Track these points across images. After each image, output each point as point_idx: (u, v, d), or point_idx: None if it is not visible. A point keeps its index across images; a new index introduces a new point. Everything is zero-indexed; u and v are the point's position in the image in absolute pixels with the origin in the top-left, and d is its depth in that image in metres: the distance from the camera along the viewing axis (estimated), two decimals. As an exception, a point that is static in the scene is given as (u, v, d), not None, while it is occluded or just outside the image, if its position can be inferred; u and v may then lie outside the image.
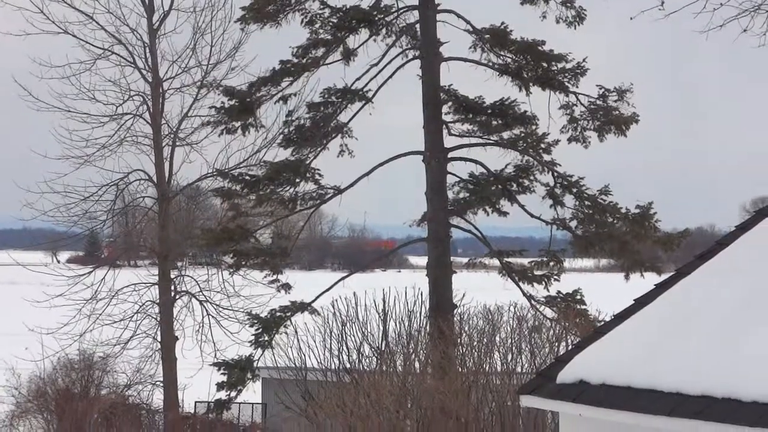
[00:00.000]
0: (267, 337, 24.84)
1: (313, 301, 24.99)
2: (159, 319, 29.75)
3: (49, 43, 30.11)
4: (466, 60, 25.33)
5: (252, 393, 27.36)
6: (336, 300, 23.07)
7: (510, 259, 25.26)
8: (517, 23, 24.84)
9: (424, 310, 22.98)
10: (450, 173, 25.25)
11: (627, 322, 11.05)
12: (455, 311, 23.31)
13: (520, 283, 24.80)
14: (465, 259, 26.44)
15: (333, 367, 22.79)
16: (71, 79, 29.45)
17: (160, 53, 29.89)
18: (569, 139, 25.28)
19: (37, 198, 29.29)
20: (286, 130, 25.87)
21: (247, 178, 25.95)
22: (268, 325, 24.92)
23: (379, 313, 22.69)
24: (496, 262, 25.36)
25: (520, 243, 26.89)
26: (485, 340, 20.16)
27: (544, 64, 24.80)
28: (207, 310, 30.17)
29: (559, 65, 24.75)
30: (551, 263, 24.92)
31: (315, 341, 23.25)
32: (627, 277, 24.87)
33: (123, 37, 29.77)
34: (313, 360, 23.27)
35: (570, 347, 15.05)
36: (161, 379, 29.63)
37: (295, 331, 23.87)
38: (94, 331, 29.43)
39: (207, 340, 29.81)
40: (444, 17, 25.19)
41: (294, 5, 25.38)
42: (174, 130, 30.11)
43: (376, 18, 25.14)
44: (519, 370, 19.39)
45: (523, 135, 25.25)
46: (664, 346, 10.00)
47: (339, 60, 25.50)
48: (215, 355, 28.78)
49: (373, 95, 25.49)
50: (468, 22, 25.12)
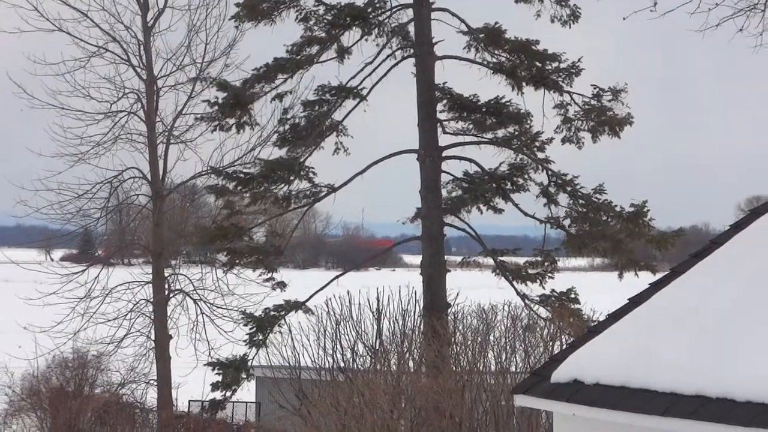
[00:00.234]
0: (261, 337, 24.80)
1: (307, 300, 24.94)
2: (153, 317, 29.71)
3: (44, 41, 30.14)
4: (460, 58, 25.30)
5: (246, 392, 27.32)
6: (330, 299, 23.02)
7: (504, 258, 25.25)
8: (511, 22, 24.86)
9: (418, 308, 22.95)
10: (444, 172, 25.22)
11: (621, 321, 11.04)
12: (449, 310, 23.28)
13: (514, 282, 24.79)
14: (459, 258, 26.45)
15: (327, 366, 22.76)
16: (66, 77, 29.49)
17: (155, 51, 29.91)
18: (563, 140, 25.25)
19: (31, 195, 29.32)
20: (281, 128, 25.85)
21: (241, 175, 25.92)
22: (263, 324, 24.88)
23: (373, 312, 22.65)
24: (490, 260, 25.35)
25: (514, 242, 26.86)
26: (479, 339, 20.14)
27: (538, 64, 24.78)
28: (201, 309, 30.15)
29: (554, 65, 24.75)
30: (545, 263, 24.91)
31: (309, 340, 23.21)
32: (621, 276, 24.86)
33: (117, 35, 29.80)
34: (307, 359, 23.23)
35: (564, 346, 15.04)
36: (155, 377, 29.60)
37: (289, 330, 23.83)
38: (88, 329, 29.36)
39: (201, 338, 29.78)
40: (438, 15, 25.19)
41: (289, 2, 25.34)
42: (168, 127, 30.10)
43: (370, 16, 25.10)
44: (513, 369, 19.35)
45: (517, 133, 25.23)
46: (659, 345, 9.98)
47: (333, 58, 25.49)
48: (209, 353, 28.74)
49: (368, 93, 25.47)
50: (463, 21, 25.11)
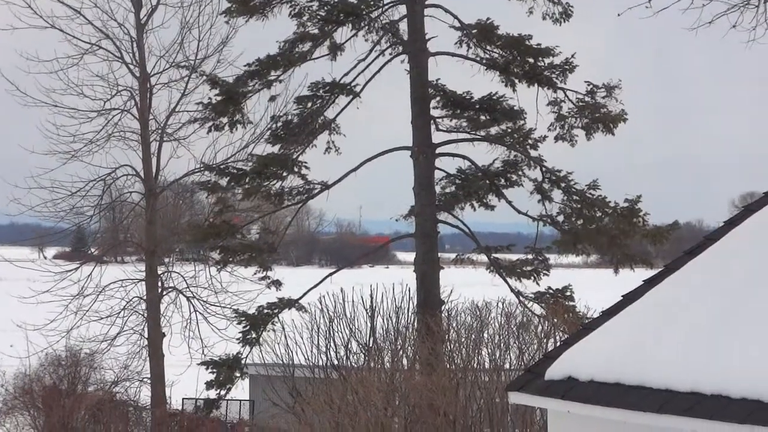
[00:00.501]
0: (254, 335, 24.77)
1: (300, 297, 24.91)
2: (146, 315, 29.64)
3: (37, 38, 30.06)
4: (453, 55, 25.26)
5: (240, 390, 27.29)
6: (323, 296, 22.99)
7: (498, 255, 25.22)
8: (503, 20, 24.85)
9: (411, 306, 22.92)
10: (438, 169, 25.19)
11: (615, 318, 11.00)
12: (443, 307, 23.25)
13: (508, 279, 24.77)
14: (453, 255, 26.42)
15: (320, 363, 22.73)
16: (59, 74, 29.44)
17: (148, 48, 29.84)
18: (556, 138, 25.23)
19: (24, 193, 29.30)
20: (274, 126, 25.79)
21: (233, 171, 25.87)
22: (256, 323, 24.85)
23: (366, 310, 22.62)
24: (483, 257, 25.33)
25: (507, 239, 26.81)
26: (473, 336, 20.11)
27: (531, 60, 24.74)
28: (194, 307, 30.08)
29: (547, 60, 24.72)
30: (537, 261, 24.89)
31: (302, 338, 23.20)
32: (616, 271, 24.85)
33: (110, 32, 29.72)
34: (300, 357, 23.21)
35: (558, 344, 15.01)
36: (148, 375, 29.54)
37: (283, 328, 23.80)
38: (81, 327, 29.32)
39: (194, 336, 29.72)
40: (431, 12, 25.15)
41: (282, -3, 25.27)
42: (162, 125, 30.05)
43: (363, 12, 25.04)
44: (507, 366, 19.33)
45: (510, 130, 25.19)
46: (653, 342, 9.95)
47: (326, 55, 25.43)
48: (203, 351, 28.72)
49: (361, 90, 25.43)
50: (456, 17, 25.07)
